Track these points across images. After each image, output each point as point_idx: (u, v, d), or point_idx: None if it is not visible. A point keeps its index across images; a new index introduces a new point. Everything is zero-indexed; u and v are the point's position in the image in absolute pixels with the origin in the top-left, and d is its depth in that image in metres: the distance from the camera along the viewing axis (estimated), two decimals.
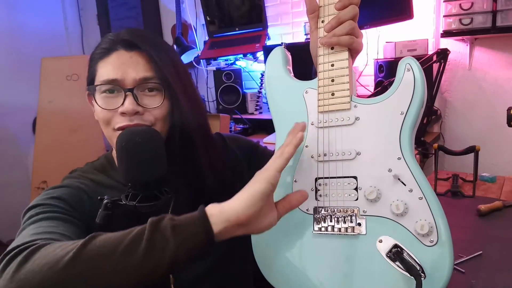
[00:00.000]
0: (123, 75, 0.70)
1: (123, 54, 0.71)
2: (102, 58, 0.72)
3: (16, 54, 3.04)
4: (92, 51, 0.76)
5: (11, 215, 2.84)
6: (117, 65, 0.70)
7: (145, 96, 0.71)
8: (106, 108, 0.71)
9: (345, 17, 0.63)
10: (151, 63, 0.71)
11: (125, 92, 0.69)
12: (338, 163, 0.64)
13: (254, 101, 2.59)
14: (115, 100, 0.71)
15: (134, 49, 0.71)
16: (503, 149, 2.00)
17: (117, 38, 0.73)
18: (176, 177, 0.75)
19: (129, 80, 0.70)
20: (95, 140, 2.24)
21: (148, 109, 0.71)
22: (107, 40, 0.74)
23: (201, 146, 0.76)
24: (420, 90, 0.60)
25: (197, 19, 2.94)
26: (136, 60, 0.71)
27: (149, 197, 0.62)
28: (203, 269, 0.81)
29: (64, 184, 0.76)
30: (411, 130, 0.60)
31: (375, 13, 1.96)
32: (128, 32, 0.74)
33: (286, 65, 0.72)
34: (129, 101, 0.69)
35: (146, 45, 0.71)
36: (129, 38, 0.72)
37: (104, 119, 0.72)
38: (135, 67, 0.70)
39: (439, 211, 0.56)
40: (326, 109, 0.66)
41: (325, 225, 0.64)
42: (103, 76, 0.71)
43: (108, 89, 0.71)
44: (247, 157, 0.88)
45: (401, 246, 0.57)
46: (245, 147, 0.90)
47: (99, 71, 0.72)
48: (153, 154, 0.63)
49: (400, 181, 0.59)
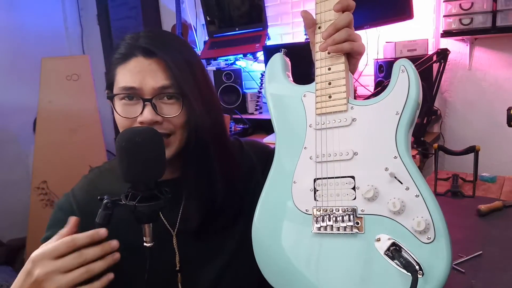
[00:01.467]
0: (141, 83, 0.70)
1: (142, 62, 0.70)
2: (121, 63, 0.72)
3: (16, 54, 3.04)
4: (111, 53, 0.75)
5: (11, 215, 2.85)
6: (136, 73, 0.70)
7: (164, 105, 0.71)
8: (125, 116, 0.71)
9: (340, 24, 0.65)
10: (168, 71, 0.71)
11: (144, 101, 0.70)
12: (336, 164, 0.65)
13: (254, 101, 2.59)
14: (134, 108, 0.71)
15: (153, 56, 0.71)
16: (503, 149, 2.00)
17: (136, 43, 0.72)
18: (189, 183, 0.76)
19: (148, 89, 0.70)
20: (95, 140, 2.24)
21: (166, 118, 0.71)
22: (125, 44, 0.73)
23: (216, 154, 0.76)
24: (415, 90, 0.61)
25: (197, 19, 2.94)
26: (154, 68, 0.70)
27: (149, 197, 0.62)
28: (212, 270, 0.81)
29: (52, 215, 0.81)
30: (407, 129, 0.61)
31: (375, 13, 1.96)
32: (147, 37, 0.73)
33: (285, 70, 0.74)
34: (148, 111, 0.69)
35: (164, 51, 0.71)
36: (147, 45, 0.71)
37: (123, 127, 0.73)
38: (154, 76, 0.70)
39: (435, 208, 0.57)
40: (324, 111, 0.67)
41: (324, 224, 0.64)
42: (121, 84, 0.71)
43: (126, 96, 0.71)
44: (263, 163, 0.88)
45: (399, 244, 0.58)
46: (261, 152, 0.91)
47: (118, 77, 0.72)
48: (153, 154, 0.63)
49: (397, 180, 0.60)
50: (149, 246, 0.63)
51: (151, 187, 0.63)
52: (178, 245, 0.80)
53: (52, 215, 0.81)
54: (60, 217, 0.78)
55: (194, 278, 0.81)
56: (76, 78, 2.22)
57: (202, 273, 0.81)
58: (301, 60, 0.96)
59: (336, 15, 0.66)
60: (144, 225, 0.62)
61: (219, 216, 0.78)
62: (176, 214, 0.80)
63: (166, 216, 0.79)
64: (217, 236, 0.81)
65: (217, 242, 0.81)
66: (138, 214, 0.61)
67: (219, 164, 0.77)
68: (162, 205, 0.63)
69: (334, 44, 0.65)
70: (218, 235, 0.81)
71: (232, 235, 0.82)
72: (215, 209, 0.77)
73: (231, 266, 0.82)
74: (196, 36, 2.88)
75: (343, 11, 0.66)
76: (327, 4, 0.68)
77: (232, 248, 0.82)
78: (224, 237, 0.81)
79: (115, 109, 0.73)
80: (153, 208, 0.62)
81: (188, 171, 0.76)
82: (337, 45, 0.65)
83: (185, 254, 0.80)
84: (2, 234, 2.86)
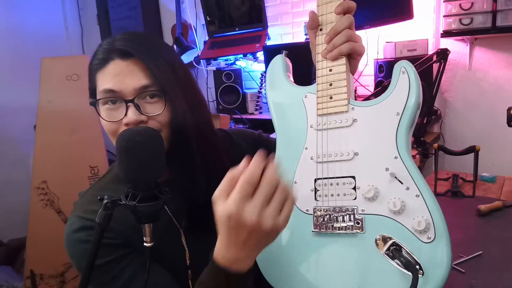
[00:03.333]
0: (121, 85, 0.70)
1: (119, 64, 0.70)
2: (100, 69, 0.72)
3: (16, 54, 3.04)
4: (90, 61, 0.76)
5: (11, 215, 2.85)
6: (115, 76, 0.70)
7: (147, 104, 0.71)
8: (110, 120, 0.71)
9: (341, 27, 0.66)
10: (147, 70, 0.70)
11: (126, 103, 0.70)
12: (336, 164, 0.65)
13: (254, 101, 2.59)
14: (117, 111, 0.71)
15: (130, 57, 0.70)
16: (503, 149, 2.00)
17: (112, 47, 0.72)
18: (175, 180, 0.76)
19: (129, 90, 0.70)
20: (95, 140, 2.24)
21: (151, 117, 0.71)
22: (102, 49, 0.73)
23: (199, 151, 0.76)
24: (415, 91, 0.62)
25: (197, 19, 2.94)
26: (133, 68, 0.70)
27: (149, 197, 0.62)
28: None
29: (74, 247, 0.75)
30: (407, 130, 0.62)
31: (375, 13, 1.96)
32: (123, 40, 0.73)
33: (286, 72, 0.75)
34: (131, 112, 0.69)
35: (141, 52, 0.71)
36: (123, 47, 0.71)
37: (110, 131, 0.73)
38: (133, 76, 0.70)
39: (435, 208, 0.57)
40: (325, 112, 0.67)
41: (324, 224, 0.64)
42: (101, 87, 0.71)
43: (110, 100, 0.71)
44: (254, 148, 0.88)
45: (399, 244, 0.58)
46: (250, 138, 0.93)
47: (98, 82, 0.72)
48: (153, 153, 0.62)
49: (397, 180, 0.60)
50: (149, 246, 0.63)
51: (151, 187, 0.63)
52: (187, 241, 0.80)
53: (77, 245, 0.74)
54: (87, 238, 0.73)
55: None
56: (76, 78, 2.22)
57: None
58: (301, 60, 0.96)
59: (337, 17, 0.67)
60: (144, 225, 0.62)
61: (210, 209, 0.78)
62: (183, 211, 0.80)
63: (174, 213, 0.80)
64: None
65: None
66: (138, 214, 0.61)
67: (203, 160, 0.76)
68: (162, 205, 0.63)
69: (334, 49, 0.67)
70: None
71: None
72: (202, 203, 0.75)
73: None
74: (196, 36, 2.88)
75: (344, 14, 0.67)
76: (329, 7, 0.69)
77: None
78: None
79: (100, 115, 0.73)
80: (153, 208, 0.62)
81: (173, 168, 0.75)
82: (335, 50, 0.66)
83: (194, 250, 0.80)
84: (2, 234, 2.86)
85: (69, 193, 2.10)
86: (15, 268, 2.59)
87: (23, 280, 2.20)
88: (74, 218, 0.75)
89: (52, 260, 2.16)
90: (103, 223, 0.60)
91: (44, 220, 2.17)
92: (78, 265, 0.74)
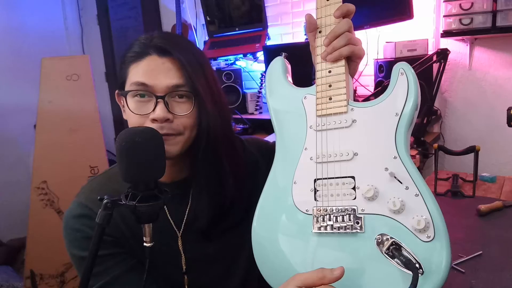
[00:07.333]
0: (154, 81, 0.70)
1: (155, 60, 0.71)
2: (134, 61, 0.72)
3: (16, 54, 3.04)
4: (123, 53, 0.76)
5: (11, 215, 2.85)
6: (149, 70, 0.71)
7: (175, 103, 0.72)
8: (138, 113, 0.72)
9: (340, 30, 0.66)
10: (182, 70, 0.71)
11: (156, 99, 0.70)
12: (336, 164, 0.66)
13: (254, 101, 2.59)
14: (146, 105, 0.72)
15: (167, 55, 0.71)
16: (503, 149, 2.00)
17: (150, 42, 0.73)
18: (200, 181, 0.77)
19: (161, 86, 0.70)
20: (95, 140, 2.24)
21: (177, 116, 0.72)
22: (139, 43, 0.74)
23: (226, 152, 0.77)
24: (413, 92, 0.62)
25: (197, 19, 2.94)
26: (168, 66, 0.71)
27: (149, 197, 0.62)
28: (221, 270, 0.81)
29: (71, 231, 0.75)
30: (406, 130, 0.62)
31: (375, 13, 1.96)
32: (161, 37, 0.74)
33: (285, 74, 0.76)
34: (160, 108, 0.70)
35: (178, 51, 0.72)
36: (162, 44, 0.72)
37: (135, 123, 0.73)
38: (167, 74, 0.71)
39: (435, 207, 0.58)
40: (324, 112, 0.68)
41: (324, 224, 0.64)
42: (134, 79, 0.71)
43: (139, 93, 0.72)
44: (266, 157, 0.89)
45: (399, 243, 0.58)
46: (263, 148, 0.92)
47: (130, 74, 0.73)
48: (153, 154, 0.63)
49: (396, 179, 0.60)
50: (149, 246, 0.63)
51: (151, 187, 0.63)
52: (184, 246, 0.80)
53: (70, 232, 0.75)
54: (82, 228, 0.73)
55: (201, 279, 0.80)
56: (76, 78, 2.22)
57: (209, 274, 0.81)
58: (301, 61, 0.96)
59: (336, 20, 0.67)
60: (144, 225, 0.62)
61: (228, 213, 0.79)
62: (182, 215, 0.80)
63: (172, 217, 0.79)
64: (224, 234, 0.81)
65: (224, 240, 0.82)
66: (138, 214, 0.61)
67: (228, 162, 0.78)
68: (162, 205, 0.63)
69: (333, 51, 0.67)
70: (225, 233, 0.81)
71: (239, 232, 0.82)
72: (225, 206, 0.78)
73: (239, 264, 0.82)
74: (196, 36, 2.88)
75: (343, 17, 0.67)
76: (328, 10, 0.69)
77: (240, 246, 0.82)
78: (231, 235, 0.82)
79: (128, 106, 0.73)
80: (153, 208, 0.62)
81: (199, 170, 0.76)
82: (335, 52, 0.67)
83: (191, 256, 0.80)
84: (2, 234, 2.86)
85: (69, 193, 2.09)
86: (15, 268, 2.59)
87: (23, 280, 2.20)
88: (76, 204, 0.76)
89: (52, 260, 2.16)
90: (103, 223, 0.60)
91: (44, 220, 2.17)
92: (68, 249, 0.75)
